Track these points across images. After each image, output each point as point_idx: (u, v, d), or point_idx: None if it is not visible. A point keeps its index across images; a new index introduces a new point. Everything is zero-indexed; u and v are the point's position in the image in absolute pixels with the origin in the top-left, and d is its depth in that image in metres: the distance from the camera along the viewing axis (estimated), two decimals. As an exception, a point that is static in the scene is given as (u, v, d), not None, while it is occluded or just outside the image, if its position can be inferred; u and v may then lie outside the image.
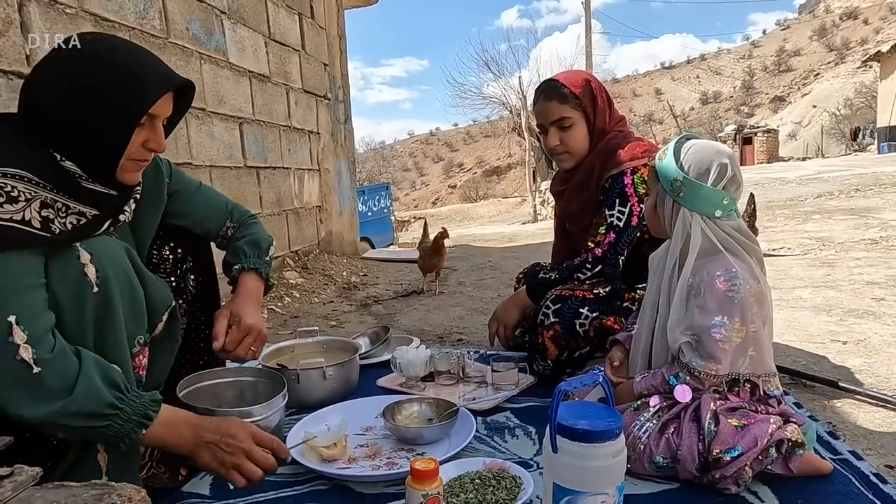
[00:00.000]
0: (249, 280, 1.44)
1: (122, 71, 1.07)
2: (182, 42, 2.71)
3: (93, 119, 1.04)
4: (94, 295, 1.02)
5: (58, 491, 0.81)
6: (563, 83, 1.80)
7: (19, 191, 0.95)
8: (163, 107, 1.12)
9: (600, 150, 1.79)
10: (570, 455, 0.93)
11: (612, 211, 1.73)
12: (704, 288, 1.21)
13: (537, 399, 1.71)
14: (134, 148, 1.11)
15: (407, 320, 2.84)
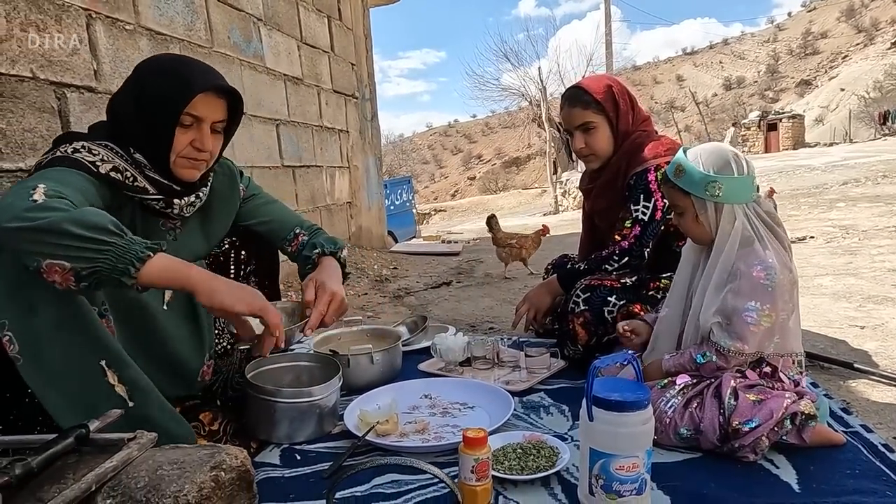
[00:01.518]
0: (329, 260, 1.57)
1: (169, 76, 1.31)
2: (224, 50, 2.88)
3: (147, 118, 1.29)
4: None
5: (174, 451, 0.97)
6: (586, 89, 1.92)
7: (101, 153, 1.26)
8: (206, 109, 1.31)
9: (626, 149, 1.91)
10: (604, 423, 1.06)
11: (637, 206, 1.85)
12: (741, 275, 1.33)
13: (568, 381, 1.84)
14: (182, 146, 1.31)
15: (439, 310, 2.99)
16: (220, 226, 1.59)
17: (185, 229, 1.49)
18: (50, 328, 1.10)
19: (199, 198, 1.43)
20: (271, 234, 1.68)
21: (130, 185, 1.29)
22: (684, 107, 56.33)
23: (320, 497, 1.23)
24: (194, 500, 0.85)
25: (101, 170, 1.24)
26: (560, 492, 1.21)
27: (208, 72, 1.35)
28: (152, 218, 1.40)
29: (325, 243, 1.60)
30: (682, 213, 1.47)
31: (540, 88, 19.38)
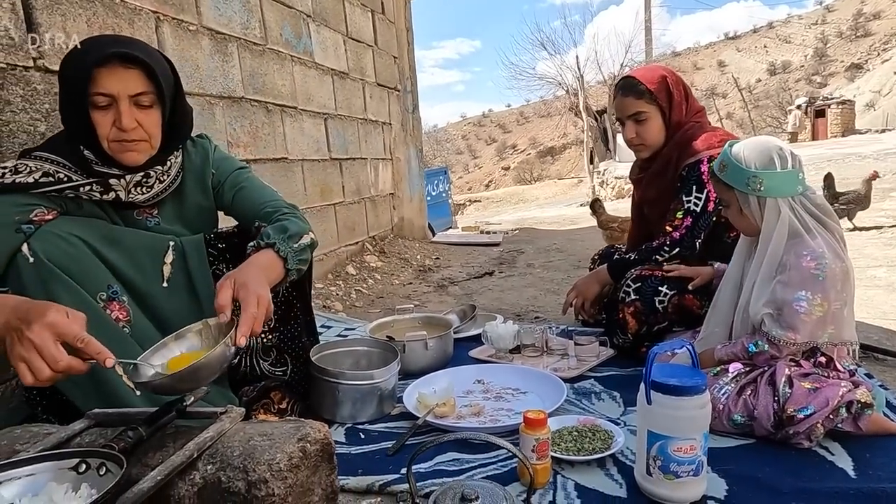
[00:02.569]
0: (260, 255, 1.26)
1: (70, 58, 1.22)
2: (277, 47, 2.98)
3: (65, 109, 1.25)
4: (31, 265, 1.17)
5: (262, 425, 1.06)
6: (640, 80, 1.94)
7: (28, 165, 1.23)
8: (114, 83, 1.18)
9: (677, 140, 1.92)
10: (662, 406, 1.10)
11: (690, 197, 1.86)
12: (790, 266, 1.35)
13: (617, 369, 1.88)
14: (106, 129, 1.21)
15: (484, 300, 3.05)
16: (194, 209, 1.48)
17: (164, 217, 1.43)
18: None
19: (149, 177, 1.33)
20: (243, 232, 1.47)
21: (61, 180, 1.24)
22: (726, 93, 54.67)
23: (387, 472, 1.31)
24: (285, 467, 0.93)
25: (23, 182, 1.20)
26: (616, 472, 1.26)
27: (109, 43, 1.23)
28: (125, 211, 1.37)
29: (271, 234, 1.31)
30: (728, 206, 1.51)
31: (577, 76, 19.13)
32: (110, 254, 1.29)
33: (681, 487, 1.11)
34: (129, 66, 1.20)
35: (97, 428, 1.07)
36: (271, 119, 2.91)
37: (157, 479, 0.87)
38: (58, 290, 1.18)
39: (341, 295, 3.15)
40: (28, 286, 1.17)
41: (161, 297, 1.37)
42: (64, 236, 1.22)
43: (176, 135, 1.38)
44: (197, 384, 1.06)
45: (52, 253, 1.19)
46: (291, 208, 1.46)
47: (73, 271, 1.21)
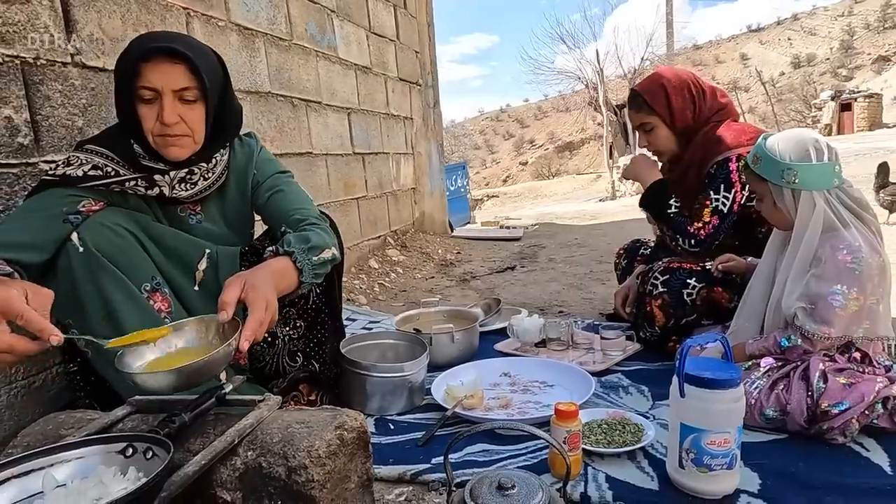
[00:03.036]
0: (276, 261, 1.23)
1: (122, 54, 1.25)
2: (302, 42, 3.00)
3: (117, 103, 1.28)
4: (80, 254, 1.21)
5: (300, 413, 1.08)
6: (639, 92, 1.97)
7: (80, 158, 1.27)
8: (159, 77, 1.20)
9: (699, 142, 1.92)
10: (696, 399, 1.10)
11: (718, 195, 1.85)
12: (825, 260, 1.33)
13: (645, 363, 1.87)
14: (151, 123, 1.23)
15: (507, 294, 3.05)
16: (235, 209, 1.49)
17: (207, 214, 1.45)
18: (100, 320, 1.23)
19: (193, 174, 1.35)
20: (274, 235, 1.46)
21: (110, 182, 1.26)
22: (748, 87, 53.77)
23: (418, 462, 1.33)
24: (324, 454, 0.95)
25: (73, 175, 1.24)
26: (647, 465, 1.26)
27: (156, 38, 1.26)
28: (169, 206, 1.39)
29: (290, 241, 1.28)
30: (761, 199, 1.50)
31: (597, 70, 18.96)
32: (151, 249, 1.32)
33: (714, 480, 1.11)
34: (175, 61, 1.21)
35: (138, 414, 1.10)
36: (297, 114, 2.93)
37: (202, 463, 0.89)
38: (105, 279, 1.21)
39: (364, 288, 3.17)
40: (77, 274, 1.21)
41: (194, 299, 1.39)
42: (112, 227, 1.25)
43: (222, 131, 1.38)
44: (193, 384, 1.02)
45: (101, 243, 1.22)
46: (321, 219, 1.43)
47: (120, 261, 1.24)
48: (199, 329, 1.11)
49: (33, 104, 1.52)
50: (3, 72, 1.44)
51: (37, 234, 1.18)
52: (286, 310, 1.48)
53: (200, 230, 1.43)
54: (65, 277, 1.20)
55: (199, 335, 1.10)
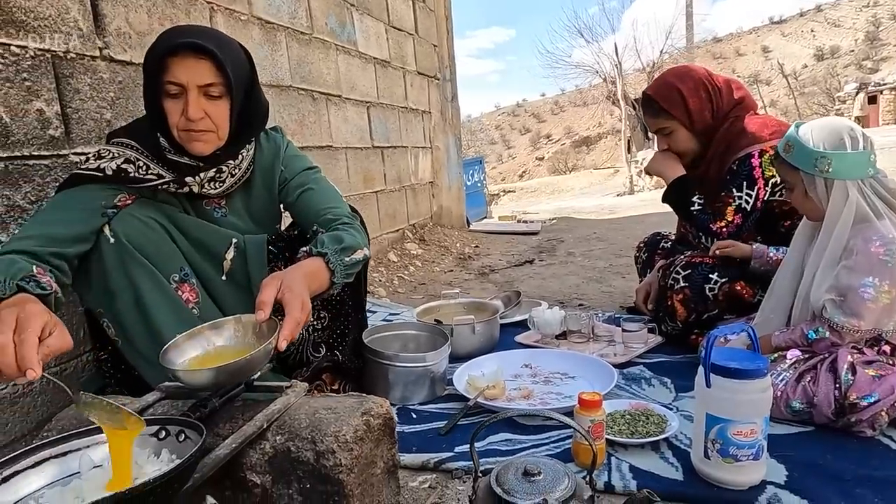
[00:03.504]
0: (310, 262, 1.24)
1: (150, 48, 1.25)
2: (322, 36, 3.02)
3: (145, 97, 1.29)
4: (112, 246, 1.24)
5: (326, 399, 1.09)
6: (653, 97, 1.94)
7: (111, 151, 1.28)
8: (185, 73, 1.20)
9: (721, 137, 1.89)
10: (722, 390, 1.10)
11: (741, 193, 1.82)
12: (857, 251, 1.31)
13: (667, 356, 1.86)
14: (176, 118, 1.24)
15: (525, 287, 3.04)
16: (260, 203, 1.49)
17: (232, 208, 1.46)
18: (130, 309, 1.26)
19: (221, 172, 1.36)
20: (303, 235, 1.47)
21: (142, 176, 1.28)
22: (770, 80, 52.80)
23: (440, 450, 1.34)
24: (351, 439, 0.96)
25: (107, 170, 1.25)
26: (671, 456, 1.26)
27: (183, 33, 1.26)
28: (196, 200, 1.41)
29: (324, 241, 1.29)
30: (791, 189, 1.47)
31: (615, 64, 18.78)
32: (179, 240, 1.34)
33: (740, 471, 1.10)
34: (201, 56, 1.21)
35: (167, 400, 1.12)
36: (317, 107, 2.95)
37: (232, 446, 0.91)
38: (135, 269, 1.24)
39: (384, 281, 3.19)
40: (108, 265, 1.23)
41: (222, 289, 1.40)
42: (143, 219, 1.27)
43: (248, 127, 1.38)
44: (233, 382, 1.04)
45: (131, 234, 1.25)
46: (352, 218, 1.43)
47: (150, 253, 1.27)
48: (237, 328, 1.13)
49: (64, 97, 1.55)
50: (35, 65, 1.47)
51: (79, 227, 1.21)
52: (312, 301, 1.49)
53: (226, 223, 1.45)
54: (97, 268, 1.23)
55: (237, 334, 1.12)
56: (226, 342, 1.12)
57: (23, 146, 1.43)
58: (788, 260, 1.52)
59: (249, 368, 1.03)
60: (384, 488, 1.06)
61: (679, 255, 2.00)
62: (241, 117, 1.34)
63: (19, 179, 1.42)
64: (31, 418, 1.44)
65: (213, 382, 1.00)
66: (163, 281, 1.27)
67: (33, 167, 1.46)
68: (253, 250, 1.41)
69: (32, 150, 1.46)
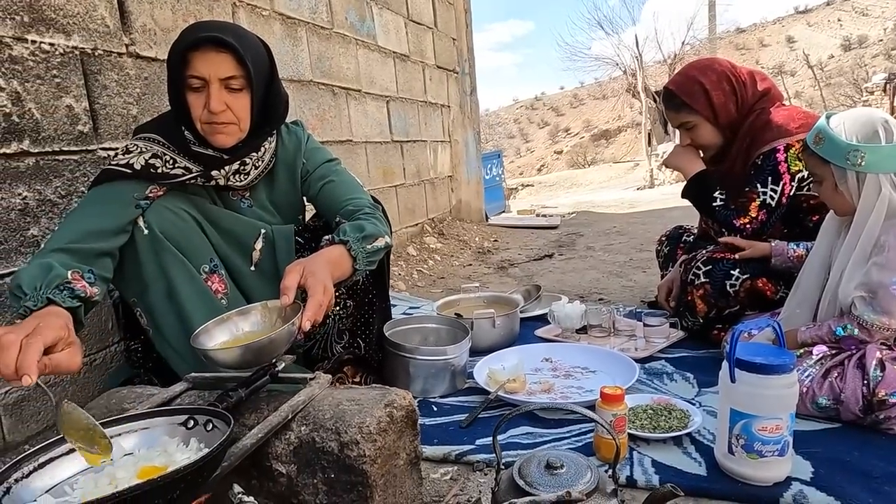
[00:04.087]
0: (332, 249, 1.26)
1: (174, 43, 1.28)
2: (343, 31, 3.03)
3: (169, 90, 1.31)
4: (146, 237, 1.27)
5: (349, 391, 1.10)
6: (675, 91, 1.90)
7: (139, 146, 1.31)
8: (206, 66, 1.22)
9: (745, 131, 1.85)
10: (747, 385, 1.08)
11: (766, 188, 1.79)
12: (889, 247, 1.28)
13: (689, 351, 1.85)
14: (199, 111, 1.26)
15: (545, 281, 3.03)
16: (283, 195, 1.51)
17: (256, 200, 1.49)
18: (162, 300, 1.29)
19: (245, 164, 1.39)
20: (328, 225, 1.48)
21: (170, 171, 1.31)
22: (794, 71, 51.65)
23: (461, 443, 1.35)
24: (375, 430, 0.97)
25: (136, 165, 1.28)
26: (694, 451, 1.25)
27: (204, 27, 1.28)
28: (223, 192, 1.44)
29: (346, 230, 1.31)
30: (820, 182, 1.44)
31: (635, 56, 18.54)
32: (209, 231, 1.36)
33: (765, 467, 1.09)
34: (221, 50, 1.23)
35: (195, 390, 1.15)
36: (337, 102, 2.97)
37: (258, 436, 0.93)
38: (167, 260, 1.26)
39: (403, 275, 3.20)
40: (142, 256, 1.27)
41: (249, 279, 1.43)
42: (175, 211, 1.30)
43: (268, 120, 1.40)
44: (259, 360, 1.06)
45: (164, 226, 1.28)
46: (374, 208, 1.45)
47: (182, 244, 1.30)
48: (264, 314, 1.16)
49: (91, 93, 1.58)
50: (64, 62, 1.50)
51: (115, 220, 1.24)
52: (337, 290, 1.51)
53: (252, 215, 1.47)
54: (131, 258, 1.26)
55: (264, 319, 1.15)
56: (252, 327, 1.15)
57: (53, 142, 1.47)
58: (814, 255, 1.49)
59: (273, 347, 1.05)
60: (407, 479, 1.07)
61: (700, 250, 1.98)
62: (261, 110, 1.36)
63: (50, 174, 1.46)
64: (62, 407, 1.48)
65: (240, 361, 1.03)
66: (193, 272, 1.30)
67: (63, 162, 1.50)
68: (281, 241, 1.43)
69: (62, 146, 1.49)
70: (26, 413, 1.40)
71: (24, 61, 1.40)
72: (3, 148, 1.35)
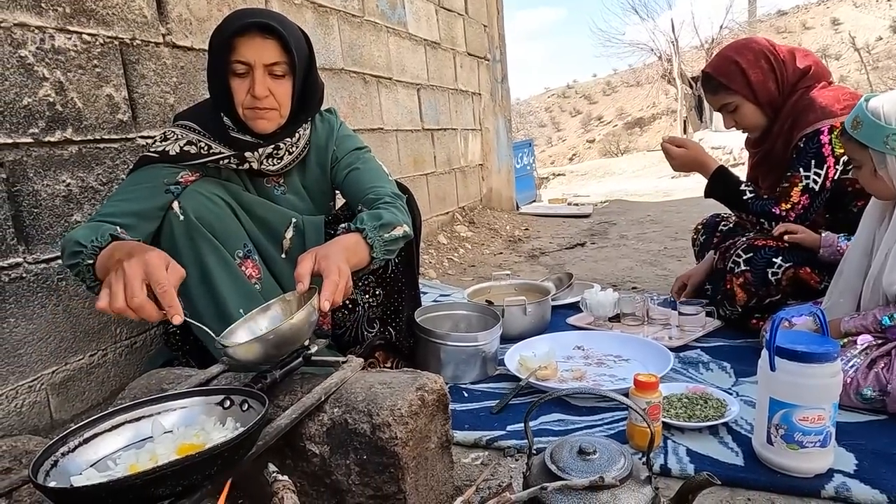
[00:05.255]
0: (349, 236, 1.25)
1: (217, 28, 1.30)
2: (374, 19, 3.03)
3: (210, 76, 1.33)
4: (181, 222, 1.29)
5: (381, 374, 1.11)
6: (712, 73, 1.85)
7: (175, 133, 1.34)
8: (251, 52, 1.25)
9: (788, 112, 1.79)
10: (788, 374, 1.05)
11: (808, 172, 1.72)
12: None
13: (725, 340, 1.81)
14: (242, 96, 1.29)
15: (577, 270, 3.00)
16: (315, 182, 1.53)
17: (290, 186, 1.50)
18: (197, 284, 1.30)
19: (279, 149, 1.40)
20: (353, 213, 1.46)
21: (206, 154, 1.33)
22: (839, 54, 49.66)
23: (492, 428, 1.35)
24: (406, 413, 0.98)
25: (171, 151, 1.31)
26: (731, 441, 1.22)
27: (249, 14, 1.29)
28: (257, 178, 1.45)
29: (363, 219, 1.30)
30: (859, 167, 1.38)
31: (671, 41, 18.08)
32: (243, 217, 1.39)
33: (805, 458, 1.06)
34: (267, 36, 1.26)
35: (231, 372, 1.17)
36: (368, 90, 2.97)
37: (293, 416, 0.94)
38: (202, 245, 1.29)
39: (434, 263, 3.21)
40: (178, 241, 1.29)
41: (281, 265, 1.44)
42: (209, 196, 1.33)
43: (306, 107, 1.42)
44: (285, 348, 1.05)
45: (199, 211, 1.30)
46: (395, 198, 1.43)
47: (217, 229, 1.32)
48: (283, 307, 1.15)
49: (130, 82, 1.61)
50: (104, 52, 1.54)
51: (144, 203, 1.28)
52: (367, 279, 1.52)
53: (285, 201, 1.49)
54: (167, 243, 1.29)
55: (284, 312, 1.15)
56: (272, 322, 1.13)
57: (94, 130, 1.51)
58: (857, 242, 1.44)
59: (294, 335, 1.04)
60: (438, 463, 1.07)
61: (739, 238, 1.92)
62: (300, 97, 1.38)
63: (91, 162, 1.50)
64: (105, 387, 1.53)
65: (262, 355, 1.02)
66: (228, 257, 1.32)
67: (104, 150, 1.53)
68: (311, 230, 1.45)
69: (103, 134, 1.53)
70: (72, 392, 1.46)
71: (66, 52, 1.44)
72: (48, 136, 1.39)
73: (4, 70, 1.31)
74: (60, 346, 1.43)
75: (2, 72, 1.30)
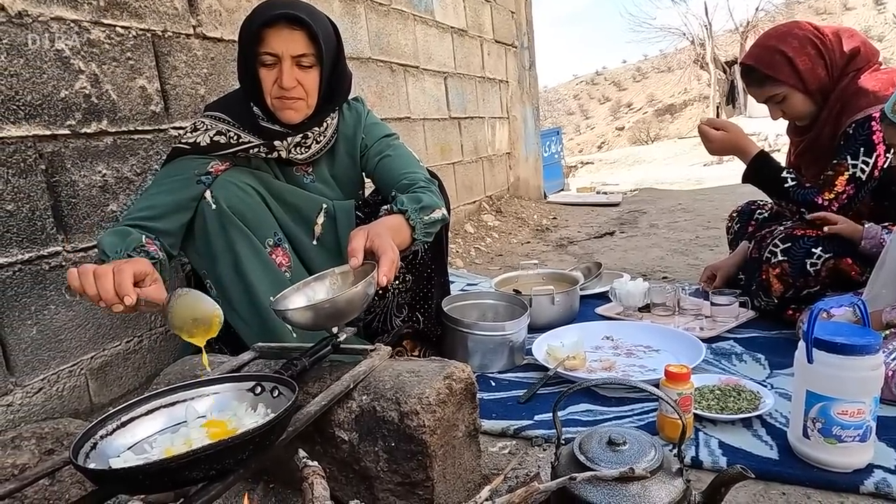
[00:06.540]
0: (392, 217, 1.28)
1: (246, 20, 1.31)
2: (400, 7, 3.01)
3: (240, 67, 1.35)
4: (214, 211, 1.32)
5: (409, 363, 1.11)
6: (754, 65, 1.76)
7: (205, 124, 1.37)
8: (280, 43, 1.26)
9: (837, 97, 1.71)
10: (826, 366, 1.02)
11: (856, 161, 1.65)
12: None
13: (759, 331, 1.76)
14: (270, 86, 1.31)
15: (606, 259, 2.96)
16: (343, 170, 1.54)
17: (318, 175, 1.52)
18: (229, 272, 1.33)
19: (307, 138, 1.42)
20: (385, 200, 1.47)
21: (235, 144, 1.36)
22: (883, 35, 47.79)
23: (520, 418, 1.34)
24: (434, 401, 0.98)
25: (202, 142, 1.34)
26: (765, 434, 1.19)
27: (278, 5, 1.29)
28: (286, 167, 1.47)
29: (403, 201, 1.32)
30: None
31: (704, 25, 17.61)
32: (273, 205, 1.41)
33: (844, 452, 1.03)
34: (295, 27, 1.27)
35: (261, 359, 1.19)
36: (395, 79, 2.97)
37: (322, 403, 0.95)
38: (234, 234, 1.31)
39: (461, 252, 3.20)
40: (211, 230, 1.32)
41: (312, 252, 1.46)
42: (241, 186, 1.35)
43: (333, 97, 1.43)
44: (339, 319, 1.08)
45: (231, 200, 1.33)
46: (429, 182, 1.45)
47: (248, 218, 1.34)
48: (334, 280, 1.18)
49: (162, 74, 1.64)
50: (137, 45, 1.56)
51: (177, 195, 1.31)
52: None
53: (314, 189, 1.51)
54: (201, 232, 1.32)
55: (335, 286, 1.17)
56: (326, 293, 1.16)
57: (128, 121, 1.54)
58: (901, 231, 1.38)
59: (352, 306, 1.06)
60: (465, 451, 1.08)
61: (776, 226, 1.87)
62: (328, 87, 1.39)
63: (126, 153, 1.53)
64: (141, 373, 1.57)
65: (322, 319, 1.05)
66: (259, 246, 1.35)
67: (138, 141, 1.57)
68: (342, 215, 1.46)
69: (137, 125, 1.56)
70: (110, 377, 1.50)
71: (100, 44, 1.46)
72: (84, 128, 1.43)
73: (42, 63, 1.34)
74: (98, 333, 1.47)
75: (40, 65, 1.33)
